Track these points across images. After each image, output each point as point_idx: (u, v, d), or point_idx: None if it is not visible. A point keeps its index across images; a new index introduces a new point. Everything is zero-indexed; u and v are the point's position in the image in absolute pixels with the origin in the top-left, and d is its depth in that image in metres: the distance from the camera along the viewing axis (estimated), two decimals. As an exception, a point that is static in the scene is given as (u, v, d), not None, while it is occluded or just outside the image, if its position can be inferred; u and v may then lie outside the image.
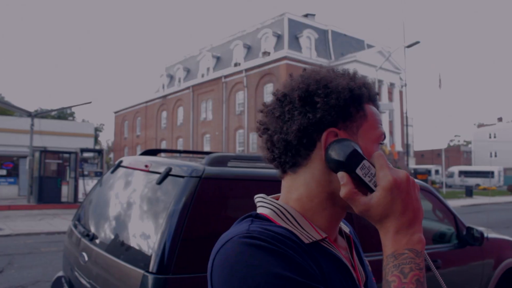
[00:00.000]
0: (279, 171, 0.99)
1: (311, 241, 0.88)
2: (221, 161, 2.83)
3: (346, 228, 1.10)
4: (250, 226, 0.85)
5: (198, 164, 2.71)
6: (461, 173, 52.12)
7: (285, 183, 0.98)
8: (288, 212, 0.92)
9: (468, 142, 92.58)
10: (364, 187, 0.85)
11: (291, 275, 0.75)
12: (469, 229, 4.03)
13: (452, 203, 24.02)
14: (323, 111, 0.89)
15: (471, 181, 47.16)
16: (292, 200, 0.95)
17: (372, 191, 0.83)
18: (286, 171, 0.96)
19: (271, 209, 0.94)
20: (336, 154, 0.86)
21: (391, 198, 0.80)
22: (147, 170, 2.94)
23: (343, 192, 0.84)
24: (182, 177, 2.61)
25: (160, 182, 2.69)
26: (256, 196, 1.01)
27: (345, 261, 0.93)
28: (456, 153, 79.92)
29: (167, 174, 2.69)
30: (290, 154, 0.93)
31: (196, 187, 2.52)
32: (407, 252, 0.79)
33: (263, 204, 0.97)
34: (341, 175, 0.85)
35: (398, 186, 0.81)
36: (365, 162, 0.85)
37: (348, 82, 0.93)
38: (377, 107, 1.00)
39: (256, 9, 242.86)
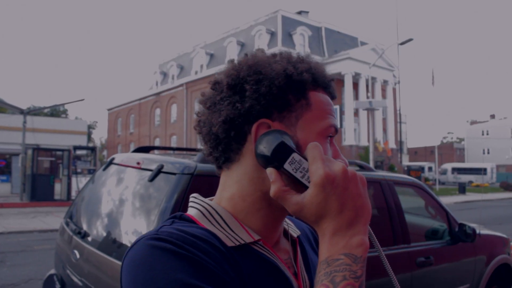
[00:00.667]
0: (215, 167, 0.92)
1: (237, 244, 0.80)
2: (213, 158, 2.81)
3: (295, 231, 1.00)
4: (162, 227, 0.77)
5: (190, 161, 2.70)
6: (454, 170, 52.44)
7: (220, 180, 0.90)
8: (217, 213, 0.85)
9: (461, 139, 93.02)
10: (299, 184, 0.75)
11: (196, 281, 0.67)
12: (462, 225, 4.05)
13: (445, 200, 24.14)
14: (252, 100, 0.81)
15: (464, 178, 47.49)
16: (224, 199, 0.87)
17: (306, 188, 0.74)
18: (221, 166, 0.89)
19: (198, 209, 0.86)
20: (263, 148, 0.77)
21: (324, 196, 0.71)
22: (139, 167, 2.93)
23: (272, 190, 0.75)
24: (174, 174, 2.59)
25: (152, 179, 2.68)
26: (191, 195, 0.93)
27: (281, 266, 0.84)
28: (449, 150, 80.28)
29: (159, 171, 2.68)
30: (220, 148, 0.85)
31: (188, 184, 2.51)
32: (342, 258, 0.69)
33: (192, 204, 0.89)
34: (269, 172, 0.77)
35: (332, 181, 0.71)
36: (294, 155, 0.76)
37: (286, 67, 0.83)
38: (330, 95, 0.89)
39: (249, 6, 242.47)
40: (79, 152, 20.96)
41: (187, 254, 0.70)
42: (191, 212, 0.87)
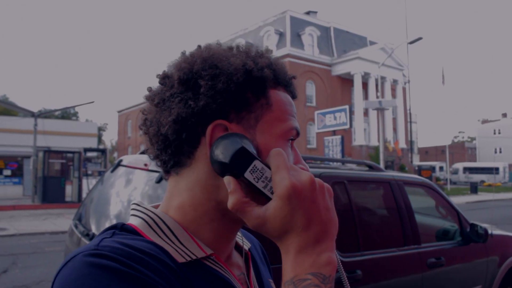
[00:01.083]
0: (162, 171, 0.81)
1: (188, 259, 0.70)
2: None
3: (246, 244, 0.92)
4: (102, 240, 0.65)
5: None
6: (466, 169, 52.03)
7: (168, 186, 0.80)
8: (164, 223, 0.74)
9: (473, 139, 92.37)
10: (260, 195, 0.67)
11: None
12: (473, 225, 4.00)
13: (457, 200, 23.97)
14: (207, 97, 0.71)
15: (476, 177, 47.10)
16: (172, 208, 0.76)
17: (269, 199, 0.66)
18: (169, 171, 0.79)
19: (143, 219, 0.75)
20: (219, 153, 0.68)
21: (289, 209, 0.63)
22: (146, 169, 2.92)
23: (230, 202, 0.66)
24: (182, 175, 2.58)
25: (159, 180, 2.67)
26: (132, 202, 0.82)
27: (235, 283, 0.75)
28: (461, 150, 79.74)
29: (167, 172, 2.67)
30: (169, 151, 0.75)
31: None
32: (310, 278, 0.61)
33: (135, 213, 0.77)
34: (227, 180, 0.67)
35: (299, 194, 0.63)
36: (256, 163, 0.67)
37: (245, 62, 0.74)
38: (291, 94, 0.81)
39: (258, 7, 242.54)
40: (89, 154, 21.17)
41: (133, 273, 0.59)
42: (133, 221, 0.76)
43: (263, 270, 0.93)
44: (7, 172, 23.17)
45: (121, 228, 0.73)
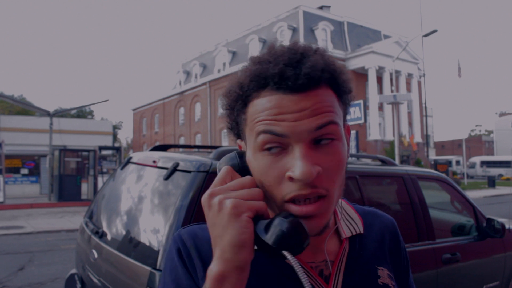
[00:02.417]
0: None
1: None
2: (229, 155, 2.76)
3: (355, 229, 0.93)
4: (187, 227, 0.90)
5: (206, 159, 2.66)
6: (483, 163, 51.29)
7: None
8: None
9: (490, 132, 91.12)
10: None
11: (170, 282, 0.82)
12: (490, 220, 3.90)
13: (474, 194, 23.67)
14: (228, 123, 0.86)
15: (494, 171, 46.46)
16: None
17: None
18: None
19: None
20: None
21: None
22: (155, 165, 2.90)
23: None
24: (189, 172, 2.56)
25: (167, 177, 2.65)
26: None
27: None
28: (478, 143, 78.73)
29: (175, 169, 2.65)
30: None
31: (204, 182, 2.47)
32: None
33: None
34: None
35: (203, 207, 0.71)
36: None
37: (231, 86, 0.81)
38: (284, 89, 0.73)
39: (270, 2, 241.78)
40: (104, 152, 21.29)
41: (183, 259, 0.84)
42: None
43: (374, 257, 0.93)
44: (24, 171, 23.41)
45: None
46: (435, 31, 22.17)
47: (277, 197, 0.74)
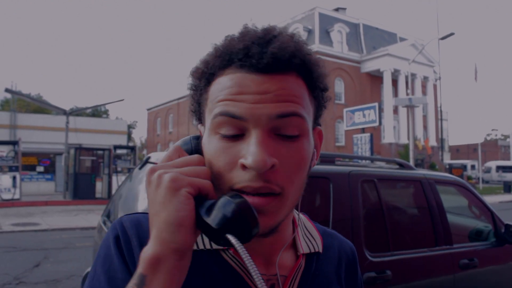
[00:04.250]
0: None
1: (200, 248, 0.75)
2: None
3: (314, 247, 0.86)
4: (131, 214, 0.79)
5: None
6: (499, 168, 50.59)
7: None
8: None
9: (506, 136, 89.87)
10: None
11: (101, 273, 0.70)
12: (508, 226, 3.86)
13: (490, 199, 23.38)
14: (191, 104, 0.79)
15: (510, 176, 45.76)
16: None
17: None
18: None
19: None
20: None
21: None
22: (173, 166, 2.92)
23: None
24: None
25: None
26: None
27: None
28: (494, 148, 77.84)
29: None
30: None
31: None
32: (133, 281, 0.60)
33: None
34: None
35: (147, 183, 0.63)
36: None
37: (208, 53, 0.74)
38: (248, 67, 0.67)
39: (286, 4, 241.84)
40: (119, 151, 21.46)
41: (120, 245, 0.73)
42: None
43: (329, 280, 0.86)
44: (40, 168, 23.72)
45: None
46: (452, 34, 21.97)
47: (225, 185, 0.67)
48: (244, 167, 0.64)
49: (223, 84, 0.67)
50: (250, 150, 0.63)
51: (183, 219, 0.59)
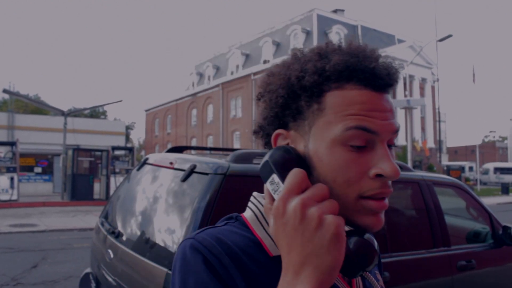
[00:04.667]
0: None
1: (278, 253, 0.72)
2: (246, 158, 2.77)
3: None
4: (203, 231, 0.76)
5: (223, 161, 2.67)
6: (497, 169, 50.64)
7: None
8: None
9: (504, 138, 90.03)
10: None
11: None
12: (506, 228, 3.87)
13: (487, 201, 23.39)
14: (268, 110, 0.79)
15: (508, 178, 45.80)
16: None
17: None
18: None
19: (253, 211, 0.82)
20: (260, 164, 0.76)
21: (275, 229, 0.66)
22: (172, 167, 2.92)
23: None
24: (207, 174, 2.57)
25: (184, 179, 2.66)
26: (253, 193, 0.87)
27: (337, 281, 0.76)
28: (491, 149, 77.86)
29: (192, 171, 2.66)
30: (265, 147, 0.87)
31: (221, 184, 2.48)
32: None
33: (249, 205, 0.84)
34: (265, 187, 0.75)
35: (280, 217, 0.64)
36: (274, 176, 0.71)
37: (289, 74, 0.76)
38: (373, 87, 0.74)
39: (284, 5, 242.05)
40: (117, 152, 21.44)
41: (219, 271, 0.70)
42: (246, 213, 0.83)
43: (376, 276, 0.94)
44: (38, 169, 23.66)
45: (235, 218, 0.83)
46: (450, 36, 22.04)
47: (353, 194, 0.71)
48: (378, 176, 0.71)
49: (352, 99, 0.72)
50: (386, 161, 0.71)
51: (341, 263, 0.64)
